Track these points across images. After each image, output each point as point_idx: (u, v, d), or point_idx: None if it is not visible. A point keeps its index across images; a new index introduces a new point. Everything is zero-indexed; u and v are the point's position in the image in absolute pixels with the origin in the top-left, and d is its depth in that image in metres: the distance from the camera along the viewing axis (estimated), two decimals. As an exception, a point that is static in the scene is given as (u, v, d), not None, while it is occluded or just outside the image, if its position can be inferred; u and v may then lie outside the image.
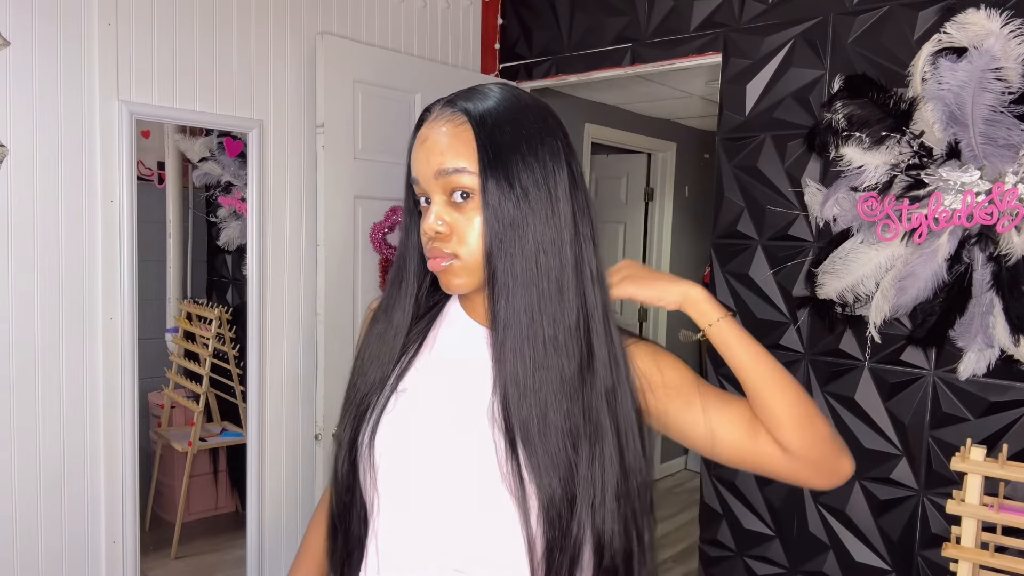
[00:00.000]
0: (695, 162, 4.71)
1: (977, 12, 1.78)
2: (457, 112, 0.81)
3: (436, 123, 0.82)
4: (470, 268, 0.81)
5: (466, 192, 0.80)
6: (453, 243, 0.81)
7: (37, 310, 1.84)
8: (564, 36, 2.73)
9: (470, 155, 0.79)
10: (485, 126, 0.79)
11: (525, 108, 0.83)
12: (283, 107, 2.27)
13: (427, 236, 0.82)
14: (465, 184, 0.79)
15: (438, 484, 0.83)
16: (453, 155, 0.80)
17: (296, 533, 2.39)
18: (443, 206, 0.81)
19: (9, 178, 1.78)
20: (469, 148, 0.79)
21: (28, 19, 1.78)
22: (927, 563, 2.00)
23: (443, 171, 0.80)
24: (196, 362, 2.62)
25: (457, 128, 0.80)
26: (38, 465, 1.87)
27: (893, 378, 2.03)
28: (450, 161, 0.80)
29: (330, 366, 2.30)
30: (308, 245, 2.35)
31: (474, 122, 0.80)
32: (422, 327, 0.93)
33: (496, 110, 0.81)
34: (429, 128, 0.82)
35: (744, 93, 2.26)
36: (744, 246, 2.28)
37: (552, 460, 0.78)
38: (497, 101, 0.82)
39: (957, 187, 1.83)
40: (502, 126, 0.80)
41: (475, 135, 0.79)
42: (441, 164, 0.80)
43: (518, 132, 0.80)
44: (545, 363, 0.79)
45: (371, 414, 0.88)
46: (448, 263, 0.81)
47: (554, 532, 0.78)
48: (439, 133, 0.81)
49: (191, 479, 2.66)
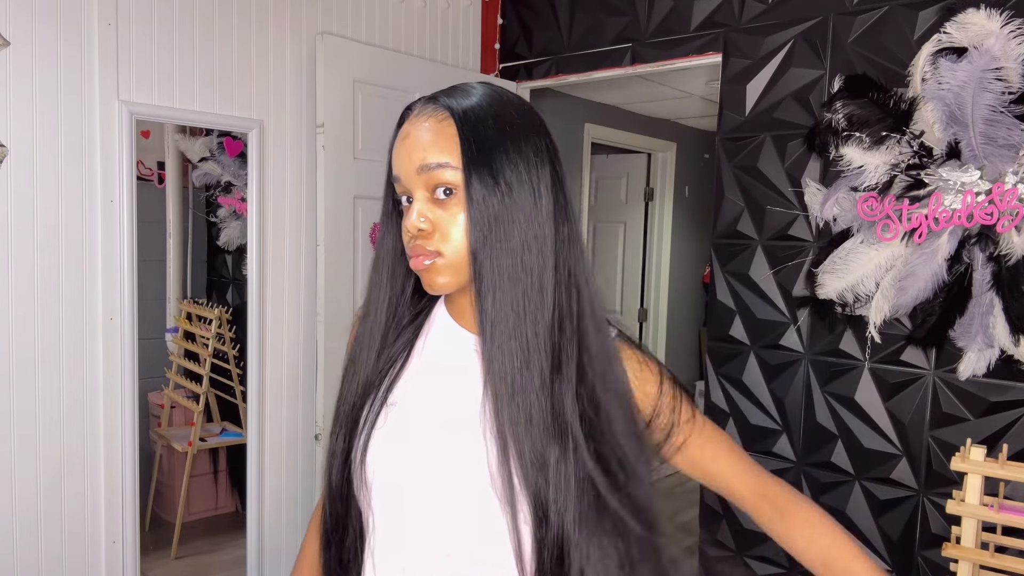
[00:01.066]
0: (695, 162, 4.71)
1: (977, 12, 1.78)
2: (440, 108, 0.80)
3: (418, 119, 0.81)
4: (454, 266, 0.80)
5: (449, 188, 0.78)
6: (436, 240, 0.79)
7: (37, 310, 1.84)
8: (564, 36, 2.73)
9: (453, 150, 0.78)
10: (468, 121, 0.79)
11: (508, 104, 0.82)
12: (283, 107, 2.27)
13: (409, 234, 0.81)
14: (448, 180, 0.78)
15: (432, 495, 0.82)
16: (436, 150, 0.78)
17: (296, 533, 2.39)
18: (425, 203, 0.80)
19: (9, 178, 1.78)
20: (452, 143, 0.78)
21: (28, 19, 1.78)
22: (927, 563, 2.00)
23: (426, 166, 0.79)
24: (196, 362, 2.62)
25: (440, 124, 0.79)
26: (38, 465, 1.87)
27: (893, 378, 2.03)
28: (433, 156, 0.78)
29: (330, 366, 2.30)
30: (308, 245, 2.35)
31: (457, 117, 0.79)
32: (408, 337, 0.92)
33: (479, 106, 0.80)
34: (411, 124, 0.81)
35: (744, 93, 2.26)
36: (744, 246, 2.28)
37: (538, 459, 0.77)
38: (480, 98, 0.81)
39: (957, 187, 1.83)
40: (485, 121, 0.79)
41: (458, 130, 0.78)
42: (424, 159, 0.79)
43: (501, 128, 0.79)
44: (528, 361, 0.78)
45: (363, 428, 0.87)
46: (431, 261, 0.80)
47: (543, 532, 0.78)
48: (421, 129, 0.80)
49: (191, 479, 2.66)
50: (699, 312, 4.86)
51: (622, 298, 4.60)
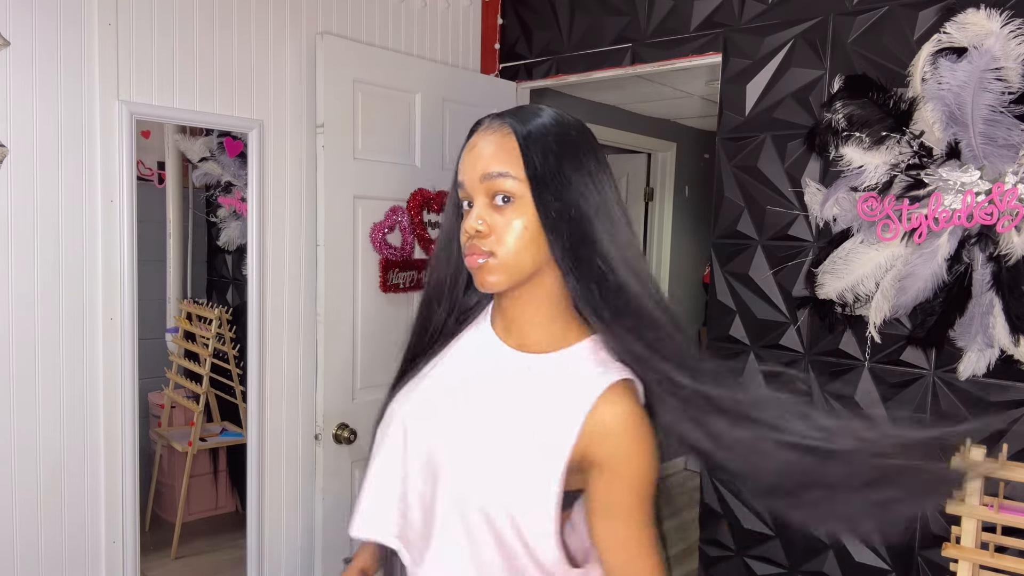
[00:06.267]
0: (695, 162, 4.71)
1: (977, 12, 1.78)
2: (505, 124, 0.91)
3: (485, 133, 0.92)
4: (505, 266, 0.89)
5: (507, 196, 0.88)
6: (491, 242, 0.89)
7: (37, 310, 1.84)
8: (564, 36, 2.73)
9: (514, 162, 0.88)
10: (531, 138, 0.89)
11: (567, 124, 0.92)
12: (283, 107, 2.27)
13: (467, 235, 0.90)
14: (507, 188, 0.88)
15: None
16: (498, 162, 0.89)
17: (296, 533, 2.39)
18: (485, 208, 0.90)
19: (9, 178, 1.78)
20: (513, 156, 0.88)
21: (28, 19, 1.78)
22: (927, 563, 2.00)
23: (488, 175, 0.89)
24: (196, 362, 2.62)
25: (504, 138, 0.90)
26: (38, 465, 1.87)
27: (893, 378, 2.03)
28: (495, 166, 0.89)
29: (330, 366, 2.30)
30: (308, 245, 2.35)
31: (519, 134, 0.89)
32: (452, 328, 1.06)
33: (542, 125, 0.90)
34: (479, 137, 0.92)
35: (744, 93, 2.26)
36: (744, 246, 2.28)
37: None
38: (543, 118, 0.91)
39: (957, 187, 1.83)
40: (547, 137, 0.89)
41: (520, 146, 0.88)
42: (486, 169, 0.89)
43: (562, 142, 0.89)
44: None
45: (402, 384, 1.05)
46: (484, 260, 0.89)
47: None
48: (487, 142, 0.91)
49: (191, 479, 2.66)
50: (699, 312, 4.86)
51: (622, 298, 4.60)
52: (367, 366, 2.40)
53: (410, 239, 2.49)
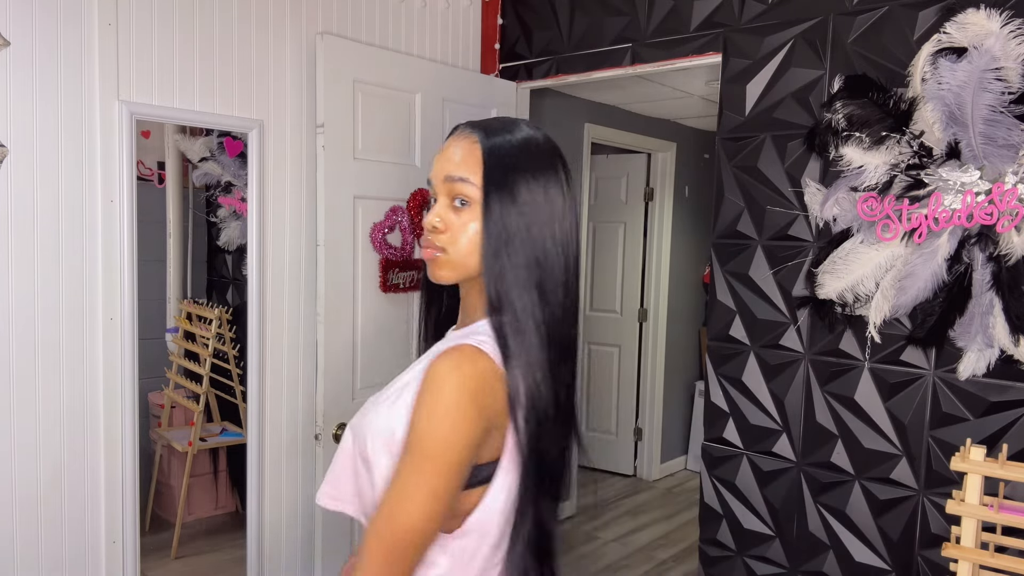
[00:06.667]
0: (695, 162, 4.71)
1: (977, 12, 1.78)
2: (474, 133, 0.98)
3: (457, 139, 0.99)
4: (454, 263, 0.97)
5: (465, 199, 0.96)
6: (445, 239, 0.96)
7: (37, 310, 1.84)
8: (564, 36, 2.73)
9: (475, 170, 0.95)
10: (492, 151, 0.96)
11: (532, 143, 0.98)
12: (283, 107, 2.27)
13: (426, 228, 0.98)
14: (465, 192, 0.95)
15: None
16: (462, 167, 0.96)
17: (296, 533, 2.39)
18: (444, 207, 0.97)
19: (9, 178, 1.78)
20: (475, 165, 0.95)
21: (28, 19, 1.78)
22: (927, 563, 2.00)
23: (450, 177, 0.96)
24: (196, 362, 2.62)
25: (471, 146, 0.97)
26: (38, 465, 1.87)
27: (893, 378, 2.03)
28: (458, 171, 0.96)
29: (330, 366, 2.30)
30: (308, 245, 2.35)
31: (483, 146, 0.96)
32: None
33: (507, 139, 0.97)
34: (451, 141, 1.00)
35: (744, 93, 2.26)
36: (744, 246, 2.28)
37: None
38: (511, 134, 0.98)
39: (957, 187, 1.83)
40: (510, 151, 0.96)
41: (483, 155, 0.95)
42: (450, 172, 0.97)
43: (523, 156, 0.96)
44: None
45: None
46: (437, 255, 0.97)
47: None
48: (456, 147, 0.98)
49: (191, 479, 2.66)
50: (699, 312, 4.86)
51: (622, 298, 4.60)
52: (367, 366, 2.40)
53: (410, 239, 2.49)
